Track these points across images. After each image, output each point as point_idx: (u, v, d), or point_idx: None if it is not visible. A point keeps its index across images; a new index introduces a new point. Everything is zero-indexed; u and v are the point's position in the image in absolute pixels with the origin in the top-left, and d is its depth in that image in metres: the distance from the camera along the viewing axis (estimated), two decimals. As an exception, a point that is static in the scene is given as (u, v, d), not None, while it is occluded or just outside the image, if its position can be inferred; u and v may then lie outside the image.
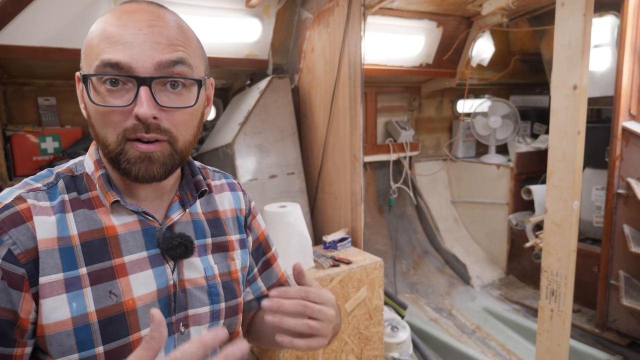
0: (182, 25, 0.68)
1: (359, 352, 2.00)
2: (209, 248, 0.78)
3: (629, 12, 2.39)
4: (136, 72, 0.61)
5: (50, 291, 0.63)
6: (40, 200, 0.67)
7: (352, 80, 2.15)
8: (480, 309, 3.13)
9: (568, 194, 1.62)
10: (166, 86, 0.64)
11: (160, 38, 0.63)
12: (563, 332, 1.69)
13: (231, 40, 2.51)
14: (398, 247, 3.61)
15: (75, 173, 0.73)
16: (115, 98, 0.62)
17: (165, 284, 0.70)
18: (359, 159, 2.17)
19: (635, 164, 2.48)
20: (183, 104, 0.66)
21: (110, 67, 0.61)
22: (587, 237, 2.98)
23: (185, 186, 0.78)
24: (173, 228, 0.74)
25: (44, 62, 2.19)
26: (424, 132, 3.93)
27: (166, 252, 0.70)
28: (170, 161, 0.67)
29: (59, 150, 2.39)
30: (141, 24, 0.62)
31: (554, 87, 1.63)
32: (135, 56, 0.61)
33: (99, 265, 0.66)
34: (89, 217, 0.68)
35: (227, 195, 0.87)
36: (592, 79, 2.66)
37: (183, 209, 0.75)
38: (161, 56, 0.62)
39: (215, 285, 0.76)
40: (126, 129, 0.63)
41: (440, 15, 2.96)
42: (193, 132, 0.70)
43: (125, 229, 0.70)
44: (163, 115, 0.64)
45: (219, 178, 0.88)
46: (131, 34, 0.62)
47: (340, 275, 1.88)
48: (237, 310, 0.80)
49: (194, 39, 0.70)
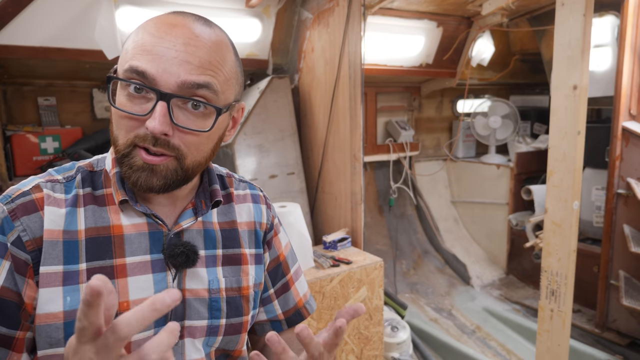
0: (220, 48, 0.66)
1: (359, 352, 2.00)
2: (218, 259, 0.76)
3: (629, 12, 2.39)
4: (159, 86, 0.61)
5: (48, 282, 0.63)
6: (57, 192, 0.68)
7: (352, 80, 2.15)
8: (480, 309, 3.13)
9: (568, 194, 1.62)
10: (187, 105, 0.64)
11: (191, 58, 0.62)
12: (563, 332, 1.69)
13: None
14: (398, 247, 3.61)
15: (95, 168, 0.73)
16: (134, 104, 0.63)
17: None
18: (359, 159, 2.17)
19: (635, 164, 2.48)
20: (199, 126, 0.65)
21: (136, 74, 0.61)
22: (587, 237, 2.98)
23: (201, 194, 0.76)
24: (182, 235, 0.73)
25: (44, 62, 2.19)
26: (424, 132, 3.93)
27: (168, 259, 0.69)
28: (172, 176, 0.66)
29: (59, 150, 2.39)
30: (177, 40, 0.62)
31: (554, 87, 1.63)
32: (161, 70, 0.61)
33: (99, 262, 0.66)
34: (98, 213, 0.69)
35: (248, 207, 0.84)
36: (592, 79, 2.66)
37: (195, 217, 0.74)
38: (187, 76, 0.62)
39: (218, 299, 0.74)
40: (137, 136, 0.63)
41: (440, 15, 2.96)
42: (205, 154, 0.69)
43: (133, 229, 0.69)
44: (176, 133, 0.64)
45: (243, 188, 0.86)
46: (164, 48, 0.61)
47: (340, 275, 1.88)
48: (240, 329, 0.77)
49: (229, 62, 0.67)
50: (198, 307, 0.72)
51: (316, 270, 1.89)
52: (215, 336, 0.74)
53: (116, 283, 0.66)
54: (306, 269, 1.89)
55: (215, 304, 0.74)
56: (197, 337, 0.72)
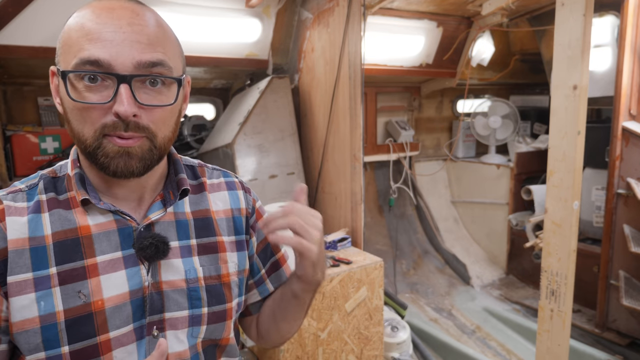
0: (161, 24, 0.67)
1: (359, 352, 2.00)
2: (194, 249, 0.75)
3: (629, 12, 2.39)
4: (116, 70, 0.61)
5: (19, 290, 0.63)
6: (18, 201, 0.68)
7: (352, 80, 2.15)
8: (480, 309, 3.13)
9: (568, 194, 1.62)
10: (145, 84, 0.64)
11: (140, 37, 0.63)
12: (563, 332, 1.69)
13: (231, 40, 2.51)
14: (398, 247, 3.61)
15: (58, 174, 0.73)
16: (93, 94, 0.62)
17: (139, 285, 0.68)
18: (359, 159, 2.17)
19: (635, 164, 2.48)
20: (163, 101, 0.66)
21: (89, 65, 0.61)
22: (587, 237, 2.98)
23: (168, 185, 0.76)
24: (153, 228, 0.72)
25: (44, 62, 2.19)
26: (424, 132, 3.93)
27: (138, 253, 0.69)
28: (149, 156, 0.66)
29: (59, 150, 2.39)
30: (121, 21, 0.62)
31: (554, 87, 1.63)
32: (115, 54, 0.61)
33: (69, 265, 0.66)
34: (64, 217, 0.68)
35: (223, 195, 0.84)
36: (592, 79, 2.66)
37: (164, 209, 0.74)
38: (141, 56, 0.62)
39: (197, 288, 0.73)
40: (105, 126, 0.63)
41: (440, 15, 2.96)
42: (172, 128, 0.70)
43: (100, 228, 0.69)
44: (142, 112, 0.64)
45: (217, 176, 0.86)
46: (111, 32, 0.61)
47: (340, 275, 1.88)
48: (224, 317, 0.77)
49: (172, 38, 0.69)
50: (177, 297, 0.71)
51: (316, 270, 1.89)
52: (198, 326, 0.74)
53: (89, 283, 0.66)
54: (306, 269, 1.89)
55: (195, 294, 0.73)
56: (179, 328, 0.72)
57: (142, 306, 0.69)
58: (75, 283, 0.65)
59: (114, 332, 0.66)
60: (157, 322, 0.70)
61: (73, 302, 0.65)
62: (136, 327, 0.68)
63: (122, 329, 0.67)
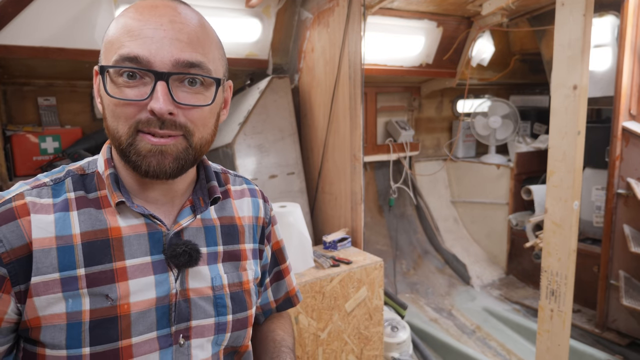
0: (203, 25, 0.66)
1: (359, 352, 2.00)
2: (219, 256, 0.75)
3: (629, 12, 2.39)
4: (154, 67, 0.60)
5: (45, 289, 0.62)
6: (43, 197, 0.66)
7: (352, 80, 2.15)
8: (480, 309, 3.13)
9: (568, 194, 1.62)
10: (184, 83, 0.63)
11: (180, 35, 0.62)
12: (563, 332, 1.69)
13: (231, 40, 2.51)
14: (398, 247, 3.61)
15: (86, 171, 0.71)
16: (131, 90, 0.61)
17: (166, 292, 0.67)
18: (359, 159, 2.17)
19: (635, 164, 2.48)
20: (200, 102, 0.64)
21: (128, 61, 0.60)
22: (587, 237, 2.98)
23: (198, 191, 0.75)
24: (182, 234, 0.71)
25: (44, 62, 2.19)
26: (424, 132, 3.93)
27: (170, 260, 0.68)
28: (184, 156, 0.65)
29: (59, 150, 2.39)
30: (162, 19, 0.62)
31: (554, 87, 1.63)
32: (154, 51, 0.60)
33: (98, 267, 0.64)
34: (95, 216, 0.67)
35: (247, 202, 0.83)
36: (592, 79, 2.67)
37: (193, 215, 0.72)
38: (180, 54, 0.61)
39: (222, 296, 0.73)
40: (139, 122, 0.62)
41: (440, 15, 2.96)
42: (210, 130, 0.68)
43: (131, 231, 0.67)
44: (179, 111, 0.63)
45: (240, 183, 0.85)
46: (152, 29, 0.61)
47: (340, 275, 1.88)
48: (245, 324, 0.76)
49: (215, 40, 0.68)
50: (204, 305, 0.71)
51: (316, 270, 1.89)
52: (224, 333, 0.73)
53: (117, 287, 0.65)
54: (306, 269, 1.89)
55: (221, 301, 0.73)
56: (205, 336, 0.71)
57: (167, 314, 0.67)
58: (103, 286, 0.64)
59: (136, 338, 0.65)
60: (183, 331, 0.69)
61: (100, 304, 0.63)
62: (160, 336, 0.67)
63: (144, 335, 0.66)
